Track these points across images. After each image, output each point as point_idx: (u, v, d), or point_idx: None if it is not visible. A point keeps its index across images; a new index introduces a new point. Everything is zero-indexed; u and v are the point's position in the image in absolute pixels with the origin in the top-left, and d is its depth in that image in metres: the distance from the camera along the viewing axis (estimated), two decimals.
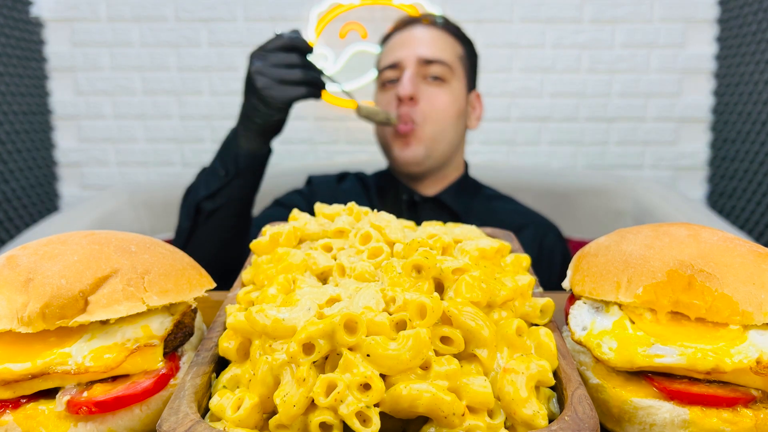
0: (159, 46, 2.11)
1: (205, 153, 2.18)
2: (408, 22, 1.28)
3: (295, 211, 0.63)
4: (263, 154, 1.10)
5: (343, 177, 1.40)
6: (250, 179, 1.09)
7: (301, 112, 2.14)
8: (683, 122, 2.14)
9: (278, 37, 1.02)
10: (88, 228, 1.58)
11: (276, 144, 2.16)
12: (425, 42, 1.22)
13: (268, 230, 0.59)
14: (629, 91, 2.12)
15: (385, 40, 1.31)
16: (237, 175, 1.07)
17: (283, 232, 0.58)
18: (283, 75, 1.00)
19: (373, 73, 2.05)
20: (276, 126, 1.07)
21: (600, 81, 2.11)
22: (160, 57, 2.12)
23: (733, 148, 2.03)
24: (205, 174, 1.12)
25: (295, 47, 1.02)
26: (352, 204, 0.61)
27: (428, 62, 1.20)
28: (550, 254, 1.26)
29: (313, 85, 1.03)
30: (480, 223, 1.10)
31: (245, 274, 0.58)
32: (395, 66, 1.22)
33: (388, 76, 1.23)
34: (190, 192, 1.12)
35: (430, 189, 1.29)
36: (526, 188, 1.81)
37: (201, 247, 1.09)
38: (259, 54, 1.02)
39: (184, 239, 1.10)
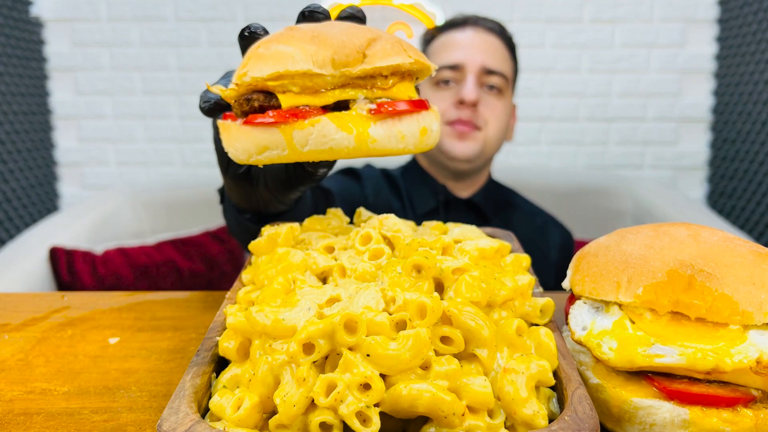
0: (159, 46, 2.11)
1: (205, 153, 2.18)
2: (465, 22, 1.27)
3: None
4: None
5: (351, 172, 1.33)
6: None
7: None
8: (683, 122, 2.14)
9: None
10: (88, 228, 1.58)
11: None
12: (488, 50, 1.22)
13: (266, 231, 0.59)
14: (629, 91, 2.12)
15: (436, 34, 1.29)
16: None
17: (281, 233, 0.58)
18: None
19: None
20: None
21: (600, 81, 2.12)
22: (160, 57, 2.12)
23: (733, 148, 2.03)
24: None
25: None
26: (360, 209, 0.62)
27: (490, 72, 1.20)
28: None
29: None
30: (521, 232, 1.13)
31: (245, 275, 0.58)
32: (456, 67, 1.21)
33: (445, 76, 1.22)
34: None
35: (464, 191, 1.31)
36: (526, 188, 1.81)
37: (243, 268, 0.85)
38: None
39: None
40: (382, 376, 0.38)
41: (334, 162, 0.72)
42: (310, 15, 0.65)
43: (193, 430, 0.36)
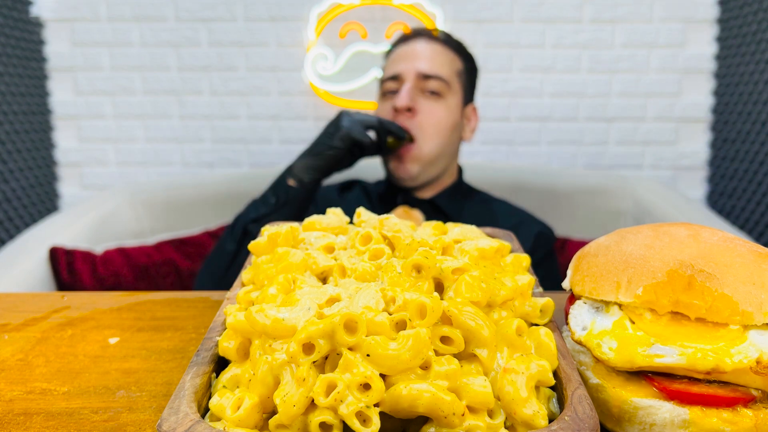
0: (159, 46, 2.11)
1: (205, 153, 2.18)
2: (412, 36, 1.33)
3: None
4: (311, 188, 1.20)
5: (347, 186, 1.45)
6: (296, 208, 1.18)
7: (301, 112, 2.14)
8: (683, 122, 2.14)
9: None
10: (88, 228, 1.58)
11: (276, 144, 2.17)
12: (425, 57, 1.27)
13: (267, 230, 0.59)
14: (629, 91, 2.12)
15: (390, 50, 1.36)
16: (285, 204, 1.16)
17: (281, 233, 0.58)
18: (364, 120, 1.17)
19: (374, 73, 2.05)
20: (335, 162, 1.19)
21: (600, 81, 2.11)
22: (160, 57, 2.12)
23: (733, 148, 2.03)
24: (255, 203, 1.21)
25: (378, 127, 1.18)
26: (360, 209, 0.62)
27: (427, 77, 1.25)
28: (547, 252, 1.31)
29: (377, 145, 1.19)
30: (475, 224, 1.14)
31: (245, 274, 0.58)
32: (396, 78, 1.27)
33: (389, 87, 1.29)
34: (239, 218, 1.21)
35: (426, 193, 1.35)
36: (526, 188, 1.81)
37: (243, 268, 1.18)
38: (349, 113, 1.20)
39: (229, 261, 1.18)
40: (382, 376, 0.38)
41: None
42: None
43: (193, 430, 0.36)
